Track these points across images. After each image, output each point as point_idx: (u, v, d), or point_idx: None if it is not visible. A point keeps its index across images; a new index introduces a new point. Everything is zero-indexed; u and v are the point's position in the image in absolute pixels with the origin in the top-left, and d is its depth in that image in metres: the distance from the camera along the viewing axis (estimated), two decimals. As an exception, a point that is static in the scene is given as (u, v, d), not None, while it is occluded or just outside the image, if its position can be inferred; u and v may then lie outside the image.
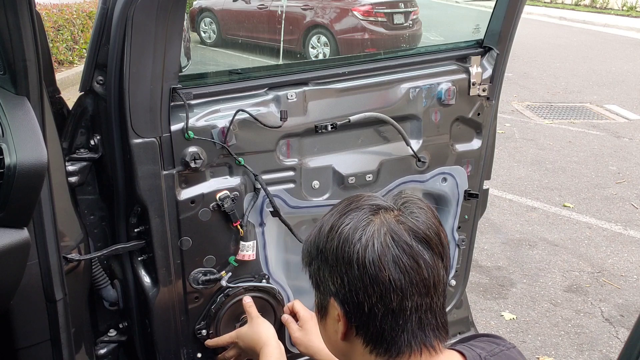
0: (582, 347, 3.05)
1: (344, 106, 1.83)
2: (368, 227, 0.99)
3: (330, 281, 1.02)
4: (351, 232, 0.99)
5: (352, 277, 0.98)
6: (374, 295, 0.97)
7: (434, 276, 0.99)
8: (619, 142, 6.34)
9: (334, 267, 1.01)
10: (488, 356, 1.09)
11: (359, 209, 1.03)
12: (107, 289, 1.72)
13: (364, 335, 1.02)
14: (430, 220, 1.02)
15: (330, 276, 1.02)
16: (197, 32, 9.00)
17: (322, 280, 1.04)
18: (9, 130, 1.22)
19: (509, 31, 2.01)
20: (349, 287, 0.99)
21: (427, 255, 0.98)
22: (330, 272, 1.02)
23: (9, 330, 1.41)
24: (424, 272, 0.98)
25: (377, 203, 1.04)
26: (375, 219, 1.00)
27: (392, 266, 0.96)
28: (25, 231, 1.27)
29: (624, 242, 4.19)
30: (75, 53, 8.42)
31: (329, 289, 1.03)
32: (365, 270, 0.97)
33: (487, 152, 2.14)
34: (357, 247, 0.98)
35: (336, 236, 1.01)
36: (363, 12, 7.81)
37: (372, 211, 1.02)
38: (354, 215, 1.02)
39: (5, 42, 1.21)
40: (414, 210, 1.02)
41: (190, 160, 1.60)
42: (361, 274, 0.97)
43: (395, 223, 0.99)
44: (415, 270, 0.97)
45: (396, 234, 0.98)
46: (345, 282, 0.99)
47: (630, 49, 11.92)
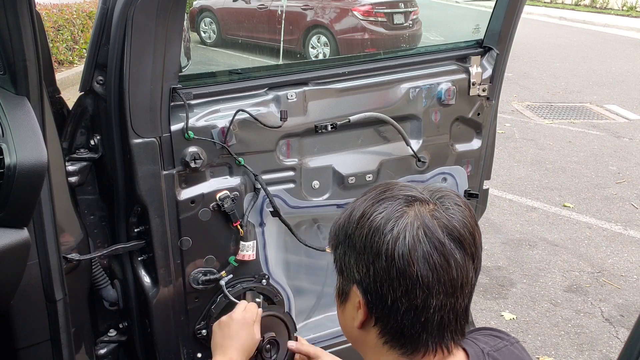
0: (582, 347, 3.05)
1: (344, 106, 1.83)
2: (401, 219, 0.95)
3: (355, 268, 0.99)
4: (383, 222, 0.96)
5: (378, 268, 0.95)
6: (399, 289, 0.95)
7: (462, 277, 0.96)
8: (619, 142, 6.34)
9: (361, 254, 0.98)
10: (492, 351, 1.08)
11: (394, 198, 0.98)
12: (107, 289, 1.72)
13: (382, 327, 0.99)
14: (466, 219, 0.98)
15: (356, 263, 0.99)
16: (197, 32, 9.01)
17: (347, 266, 1.01)
18: (9, 130, 1.22)
19: (509, 31, 2.01)
20: (374, 277, 0.96)
21: (459, 255, 0.95)
22: (356, 260, 0.99)
23: (9, 330, 1.41)
24: (454, 271, 0.95)
25: (412, 194, 0.99)
26: (409, 210, 0.96)
27: (422, 262, 0.93)
28: (25, 231, 1.27)
29: (624, 242, 4.19)
30: (75, 53, 8.42)
31: (353, 276, 1.00)
32: (393, 263, 0.94)
33: (487, 152, 2.14)
34: (387, 238, 0.94)
35: (367, 224, 0.97)
36: (363, 12, 7.81)
37: (407, 202, 0.97)
38: (387, 204, 0.98)
39: (5, 42, 1.21)
40: (450, 206, 0.98)
41: (190, 160, 1.60)
42: (389, 266, 0.94)
43: (429, 218, 0.95)
44: (444, 269, 0.94)
45: (429, 230, 0.94)
46: (371, 272, 0.96)
47: (630, 49, 11.92)
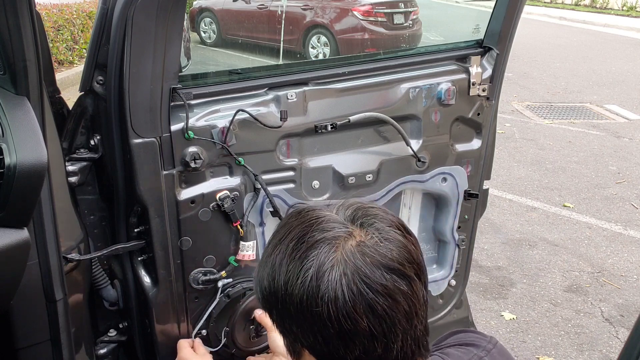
0: (582, 347, 3.05)
1: (344, 106, 1.83)
2: (332, 274, 0.85)
3: (300, 335, 0.90)
4: (313, 284, 0.85)
5: (327, 335, 0.87)
6: (355, 349, 0.87)
7: (414, 305, 0.88)
8: (619, 142, 6.34)
9: (302, 323, 0.88)
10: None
11: (315, 245, 0.87)
12: (107, 289, 1.72)
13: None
14: (397, 240, 0.89)
15: (300, 331, 0.90)
16: (197, 32, 9.01)
17: (290, 331, 0.92)
18: (9, 130, 1.22)
19: (509, 31, 2.01)
20: (325, 343, 0.88)
21: (405, 286, 0.86)
22: (299, 327, 0.89)
23: (9, 330, 1.41)
24: (404, 306, 0.87)
25: (333, 235, 0.88)
26: (337, 256, 0.86)
27: (370, 314, 0.84)
28: (25, 231, 1.27)
29: (624, 242, 4.19)
30: (75, 53, 8.42)
31: (300, 341, 0.92)
32: (340, 326, 0.85)
33: (487, 152, 2.14)
34: (324, 301, 0.84)
35: (297, 287, 0.87)
36: (363, 12, 7.81)
37: (332, 246, 0.87)
38: (312, 258, 0.87)
39: (5, 42, 1.21)
40: (376, 230, 0.89)
41: (190, 160, 1.60)
42: (336, 331, 0.85)
43: (360, 258, 0.85)
44: (395, 309, 0.86)
45: (366, 275, 0.84)
46: (320, 340, 0.88)
47: (630, 49, 11.92)
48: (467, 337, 1.11)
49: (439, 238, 2.21)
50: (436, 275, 2.20)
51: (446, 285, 2.23)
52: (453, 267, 2.21)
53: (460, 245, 2.19)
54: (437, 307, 2.25)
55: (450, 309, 2.28)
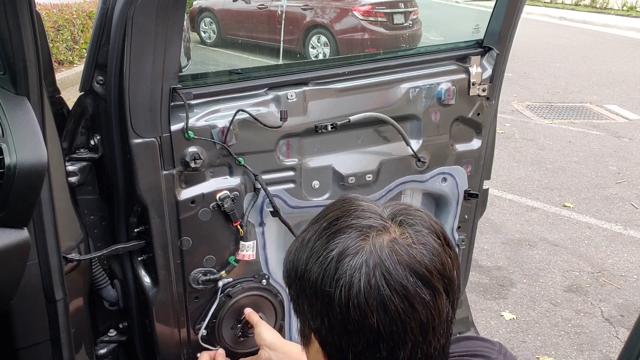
0: (582, 347, 3.05)
1: (344, 106, 1.83)
2: (354, 259, 0.82)
3: (310, 316, 0.87)
4: (334, 265, 0.82)
5: (333, 320, 0.83)
6: (359, 343, 0.82)
7: (434, 318, 0.83)
8: (619, 142, 6.34)
9: (313, 302, 0.85)
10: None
11: (347, 229, 0.85)
12: (107, 289, 1.72)
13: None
14: (432, 246, 0.84)
15: (310, 311, 0.87)
16: (197, 32, 9.01)
17: (302, 311, 0.89)
18: (9, 130, 1.22)
19: (509, 31, 2.01)
20: (330, 329, 0.84)
21: (427, 295, 0.82)
22: (309, 307, 0.86)
23: (9, 330, 1.41)
24: (421, 315, 0.81)
25: (368, 223, 0.85)
26: (364, 245, 0.83)
27: (382, 311, 0.80)
28: (25, 231, 1.27)
29: (624, 242, 4.19)
30: (75, 53, 8.42)
31: (309, 323, 0.88)
32: (348, 315, 0.81)
33: (487, 152, 2.14)
34: (339, 284, 0.81)
35: (316, 266, 0.84)
36: (363, 12, 7.81)
37: (362, 234, 0.84)
38: (339, 239, 0.84)
39: (5, 42, 1.21)
40: (414, 233, 0.85)
41: (190, 160, 1.60)
42: (344, 318, 0.81)
43: (388, 254, 0.81)
44: (410, 315, 0.81)
45: (388, 271, 0.80)
46: (326, 324, 0.84)
47: (630, 49, 11.92)
48: (475, 347, 1.05)
49: (439, 238, 2.20)
50: (436, 275, 2.20)
51: (446, 285, 2.22)
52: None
53: (460, 245, 2.19)
54: (437, 307, 2.24)
55: (450, 309, 2.27)
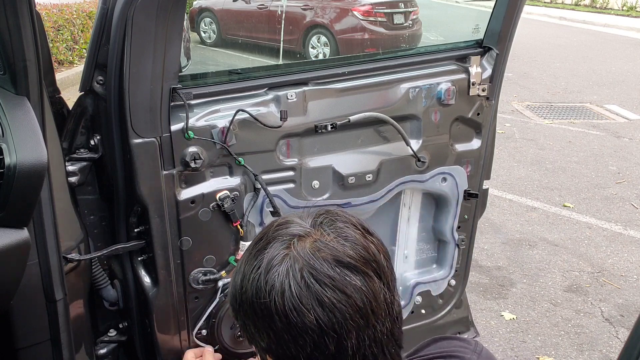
0: (582, 347, 3.05)
1: (344, 106, 1.83)
2: (280, 267, 0.85)
3: (258, 336, 0.89)
4: (262, 278, 0.86)
5: (277, 330, 0.85)
6: (306, 345, 0.84)
7: (369, 302, 0.85)
8: (619, 142, 6.34)
9: (256, 321, 0.88)
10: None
11: (269, 244, 0.89)
12: (107, 289, 1.72)
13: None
14: (352, 235, 0.88)
15: (257, 331, 0.89)
16: (197, 32, 9.01)
17: (251, 335, 0.91)
18: (9, 130, 1.22)
19: (509, 31, 2.01)
20: (277, 342, 0.86)
21: (357, 280, 0.84)
22: (255, 327, 0.89)
23: (9, 330, 1.41)
24: (357, 301, 0.84)
25: (289, 232, 0.89)
26: (288, 252, 0.86)
27: (317, 306, 0.83)
28: (25, 231, 1.27)
29: (624, 242, 4.19)
30: (75, 53, 8.42)
31: (260, 345, 0.90)
32: (288, 320, 0.84)
33: (487, 152, 2.14)
34: (272, 294, 0.84)
35: (249, 284, 0.88)
36: (363, 12, 7.82)
37: (285, 243, 0.88)
38: (264, 254, 0.88)
39: (5, 42, 1.21)
40: (333, 230, 0.88)
41: (190, 160, 1.60)
42: (284, 325, 0.84)
43: (310, 254, 0.85)
44: (344, 303, 0.83)
45: (313, 268, 0.84)
46: (273, 337, 0.86)
47: (630, 49, 11.92)
48: (450, 347, 1.06)
49: (439, 238, 2.21)
50: (436, 275, 2.21)
51: (446, 285, 2.23)
52: (453, 267, 2.21)
53: (460, 245, 2.19)
54: (437, 307, 2.25)
55: (450, 308, 2.28)
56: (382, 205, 2.02)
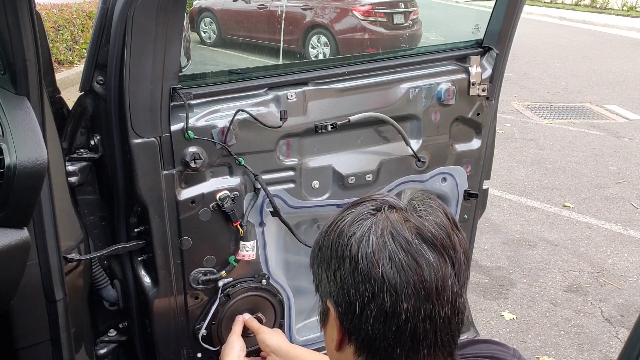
0: (582, 347, 3.05)
1: (344, 106, 1.83)
2: (366, 221, 0.91)
3: (326, 279, 0.95)
4: (347, 225, 0.92)
5: (344, 273, 0.90)
6: (365, 294, 0.88)
7: (437, 280, 0.87)
8: (619, 142, 6.34)
9: (329, 262, 0.93)
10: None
11: (364, 203, 0.95)
12: (107, 289, 1.72)
13: (356, 344, 0.92)
14: (441, 220, 0.91)
15: (326, 274, 0.94)
16: (197, 32, 9.01)
17: (321, 280, 0.97)
18: (9, 130, 1.22)
19: (509, 31, 2.01)
20: (341, 284, 0.91)
21: (431, 256, 0.88)
22: (326, 269, 0.94)
23: (9, 330, 1.41)
24: (425, 273, 0.87)
25: (385, 199, 0.95)
26: (378, 214, 0.92)
27: (387, 262, 0.87)
28: (25, 231, 1.27)
29: (624, 242, 4.19)
30: (75, 53, 8.42)
31: (325, 290, 0.96)
32: (357, 265, 0.88)
33: (487, 152, 2.14)
34: (351, 240, 0.90)
35: (333, 230, 0.94)
36: (363, 12, 7.81)
37: (376, 207, 0.93)
38: (357, 209, 0.94)
39: (5, 42, 1.21)
40: (424, 209, 0.92)
41: (190, 160, 1.60)
42: (353, 269, 0.89)
43: (397, 220, 0.90)
44: (413, 270, 0.86)
45: (395, 230, 0.88)
46: (338, 279, 0.91)
47: (630, 49, 11.92)
48: (490, 350, 1.06)
49: (439, 238, 2.20)
50: (436, 275, 2.20)
51: (446, 285, 2.22)
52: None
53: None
54: (437, 307, 2.24)
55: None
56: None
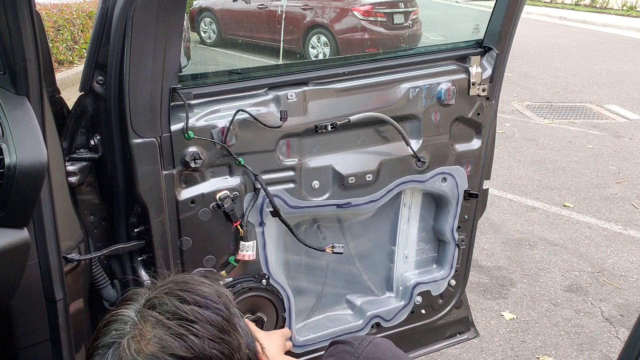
0: (582, 347, 3.05)
1: (344, 106, 1.83)
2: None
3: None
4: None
5: None
6: None
7: None
8: (619, 142, 6.34)
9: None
10: None
11: (106, 328, 0.90)
12: (107, 289, 1.72)
13: None
14: (169, 338, 0.84)
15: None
16: (197, 32, 9.01)
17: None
18: (9, 130, 1.22)
19: (509, 31, 2.01)
20: None
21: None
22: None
23: (9, 330, 1.41)
24: None
25: (106, 342, 0.87)
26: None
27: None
28: (25, 231, 1.27)
29: (624, 242, 4.19)
30: (75, 53, 8.42)
31: None
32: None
33: (487, 152, 2.14)
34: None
35: None
36: (363, 12, 7.81)
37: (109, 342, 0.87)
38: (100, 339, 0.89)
39: (5, 42, 1.21)
40: (148, 328, 0.85)
41: (190, 160, 1.60)
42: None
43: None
44: None
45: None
46: None
47: (630, 49, 11.91)
48: (335, 352, 1.08)
49: (439, 238, 2.21)
50: (436, 275, 2.21)
51: (446, 285, 2.23)
52: (453, 267, 2.21)
53: (460, 245, 2.19)
54: (437, 307, 2.25)
55: (450, 308, 2.28)
56: (382, 205, 2.02)
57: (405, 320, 2.17)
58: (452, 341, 2.39)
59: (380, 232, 2.14)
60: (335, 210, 1.93)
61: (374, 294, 2.18)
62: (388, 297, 2.20)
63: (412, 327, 2.20)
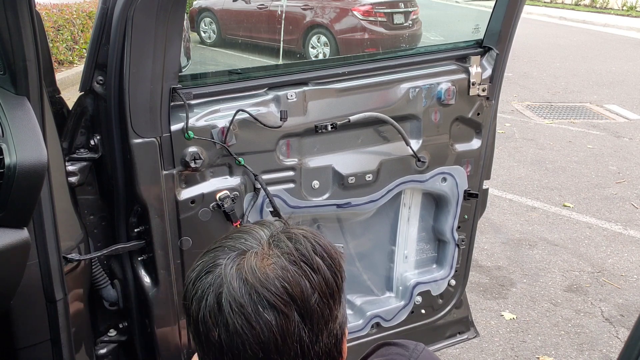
0: (582, 347, 3.05)
1: (344, 106, 1.83)
2: (207, 278, 0.89)
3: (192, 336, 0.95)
4: (192, 283, 0.92)
5: (193, 331, 0.91)
6: (209, 355, 0.89)
7: (276, 339, 0.85)
8: (619, 142, 6.34)
9: (187, 315, 0.94)
10: None
11: (215, 249, 0.94)
12: (107, 289, 1.72)
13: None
14: (292, 272, 0.87)
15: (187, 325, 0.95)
16: (197, 32, 9.01)
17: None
18: (9, 130, 1.22)
19: (509, 31, 2.01)
20: (195, 340, 0.92)
21: (270, 316, 0.85)
22: (187, 320, 0.96)
23: (9, 330, 1.41)
24: (261, 335, 0.85)
25: (236, 245, 0.92)
26: (219, 269, 0.89)
27: (223, 327, 0.86)
28: (25, 231, 1.27)
29: (624, 242, 4.19)
30: (75, 53, 8.42)
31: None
32: (198, 327, 0.89)
33: (487, 152, 2.14)
34: (194, 300, 0.90)
35: (186, 281, 0.94)
36: (363, 12, 7.81)
37: (224, 256, 0.91)
38: (208, 256, 0.94)
39: (5, 42, 1.21)
40: (276, 255, 0.89)
41: (190, 160, 1.60)
42: (197, 330, 0.90)
43: (236, 276, 0.87)
44: (248, 332, 0.85)
45: (232, 291, 0.86)
46: (192, 337, 0.92)
47: (630, 49, 11.91)
48: (388, 354, 1.08)
49: (439, 238, 2.21)
50: (436, 275, 2.21)
51: (446, 285, 2.23)
52: (453, 267, 2.21)
53: (460, 245, 2.19)
54: (437, 307, 2.25)
55: (450, 308, 2.28)
56: (382, 205, 2.03)
57: (405, 320, 2.17)
58: (452, 341, 2.40)
59: (380, 232, 2.14)
60: (335, 210, 1.93)
61: (374, 294, 2.19)
62: (388, 297, 2.20)
63: (412, 327, 2.20)
